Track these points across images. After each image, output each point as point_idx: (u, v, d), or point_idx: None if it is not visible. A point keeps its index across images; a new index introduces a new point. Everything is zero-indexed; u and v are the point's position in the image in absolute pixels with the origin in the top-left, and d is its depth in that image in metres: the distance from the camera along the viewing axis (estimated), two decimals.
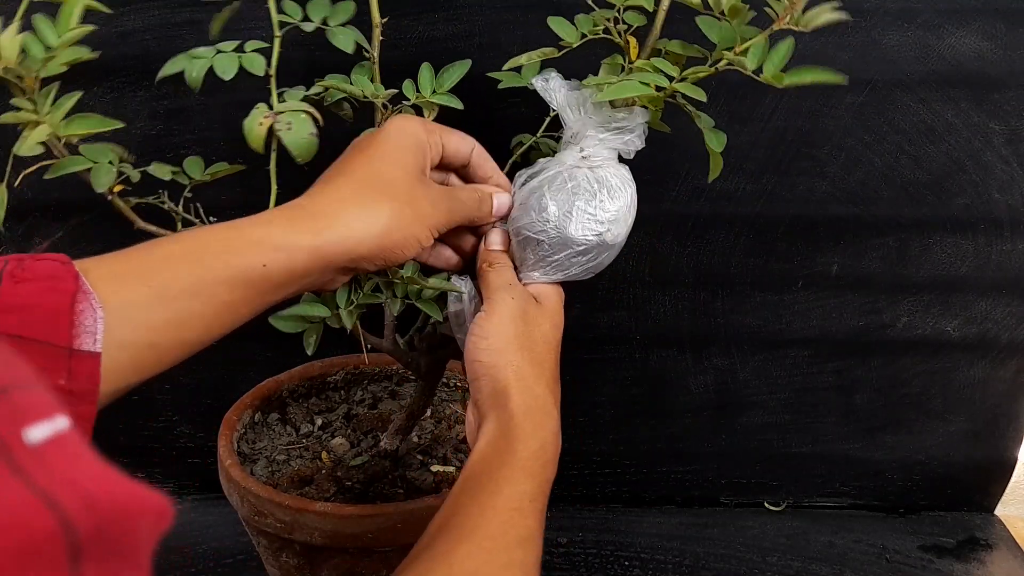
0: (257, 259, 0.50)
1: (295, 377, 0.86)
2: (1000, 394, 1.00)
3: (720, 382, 1.00)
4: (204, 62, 0.61)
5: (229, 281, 0.49)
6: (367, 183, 0.55)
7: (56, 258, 0.46)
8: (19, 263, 0.44)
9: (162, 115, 0.88)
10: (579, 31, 0.64)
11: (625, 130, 0.59)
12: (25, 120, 0.54)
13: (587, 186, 0.59)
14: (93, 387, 0.44)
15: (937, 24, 0.84)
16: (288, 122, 0.59)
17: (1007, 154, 0.89)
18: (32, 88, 0.54)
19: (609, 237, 0.60)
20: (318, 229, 0.52)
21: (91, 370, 0.44)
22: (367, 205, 0.54)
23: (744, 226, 0.93)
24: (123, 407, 1.09)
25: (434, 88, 0.67)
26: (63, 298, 0.44)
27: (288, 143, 0.58)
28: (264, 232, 0.51)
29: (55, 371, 0.43)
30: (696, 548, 0.98)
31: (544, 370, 0.58)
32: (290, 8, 0.64)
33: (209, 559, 0.93)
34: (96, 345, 0.44)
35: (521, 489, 0.52)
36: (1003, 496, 1.06)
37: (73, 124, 0.56)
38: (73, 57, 0.55)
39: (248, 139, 0.59)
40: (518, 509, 0.51)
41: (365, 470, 0.76)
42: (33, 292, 0.43)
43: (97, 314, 0.44)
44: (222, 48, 0.62)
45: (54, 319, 0.43)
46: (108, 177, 0.59)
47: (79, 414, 0.43)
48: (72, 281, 0.44)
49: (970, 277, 0.94)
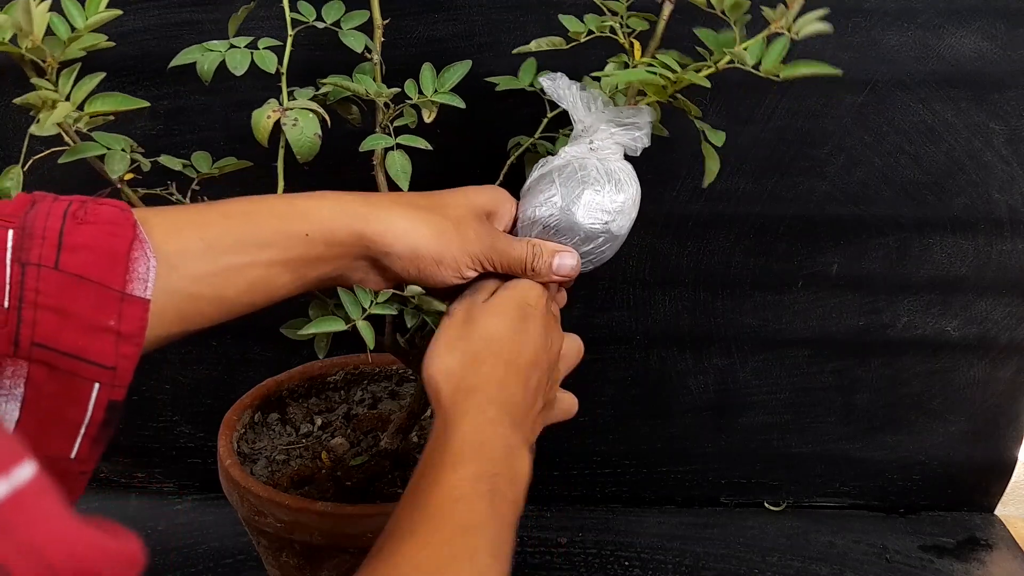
0: (301, 227, 0.53)
1: (295, 377, 0.86)
2: (1000, 394, 1.00)
3: (720, 382, 1.00)
4: (216, 56, 0.62)
5: (274, 244, 0.52)
6: (425, 200, 0.58)
7: (117, 204, 0.48)
8: (82, 205, 0.47)
9: (162, 115, 0.88)
10: (587, 27, 0.66)
11: (634, 127, 0.61)
12: (47, 99, 0.54)
13: (596, 176, 0.60)
14: (140, 330, 0.47)
15: (937, 24, 0.84)
16: (295, 119, 0.60)
17: (1007, 154, 0.89)
18: (52, 69, 0.55)
19: (614, 227, 0.61)
20: (364, 214, 0.55)
21: (140, 314, 0.46)
22: (417, 212, 0.57)
23: (744, 226, 0.93)
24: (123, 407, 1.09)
25: (436, 87, 0.67)
26: (121, 243, 0.46)
27: (292, 139, 0.59)
28: (313, 204, 0.55)
29: (107, 312, 0.45)
30: (696, 548, 0.98)
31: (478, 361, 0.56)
32: (304, 8, 0.66)
33: (209, 559, 0.93)
34: (147, 292, 0.47)
35: (460, 475, 0.50)
36: (1003, 496, 1.06)
37: (96, 102, 0.57)
38: (93, 43, 0.56)
39: (255, 131, 0.60)
40: (459, 498, 0.49)
41: (365, 470, 0.76)
42: (93, 235, 0.46)
43: (150, 263, 0.47)
44: (235, 43, 0.63)
45: (111, 263, 0.46)
46: (122, 164, 0.60)
47: (124, 353, 0.46)
48: (130, 228, 0.47)
49: (970, 277, 0.94)
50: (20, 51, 0.52)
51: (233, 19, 0.67)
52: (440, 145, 0.68)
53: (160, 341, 0.49)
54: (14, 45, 0.52)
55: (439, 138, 0.70)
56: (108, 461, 1.04)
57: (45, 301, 0.44)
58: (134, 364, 0.47)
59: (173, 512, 1.01)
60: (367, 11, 0.67)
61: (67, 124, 0.57)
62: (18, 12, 0.50)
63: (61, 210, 0.46)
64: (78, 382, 0.45)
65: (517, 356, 0.57)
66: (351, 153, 0.68)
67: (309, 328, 0.60)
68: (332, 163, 0.65)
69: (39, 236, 0.44)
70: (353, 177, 0.66)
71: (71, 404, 0.45)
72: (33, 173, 0.58)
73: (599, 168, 0.60)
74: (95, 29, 0.56)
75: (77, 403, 0.45)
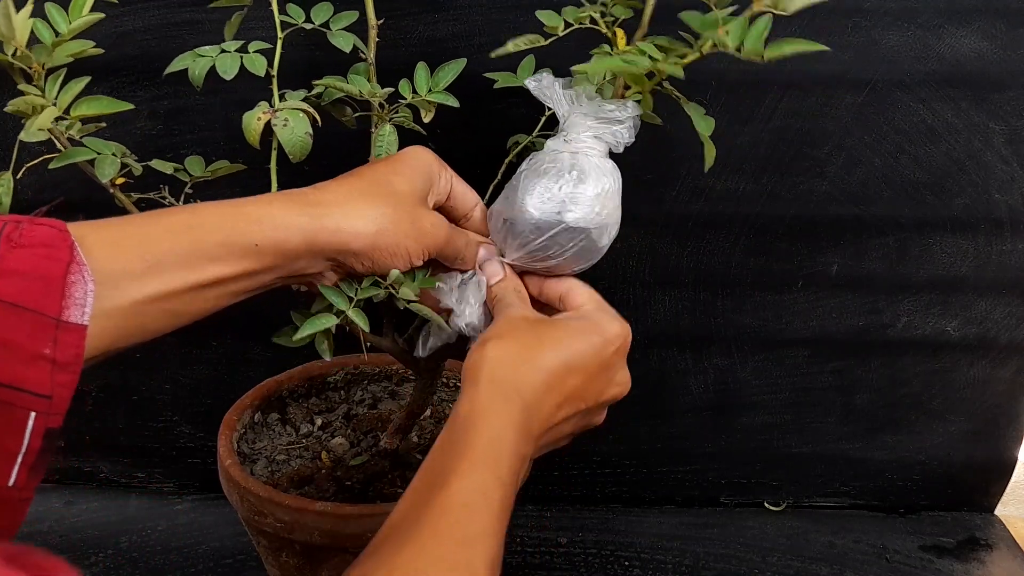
0: (250, 237, 0.51)
1: (295, 377, 0.86)
2: (1000, 394, 1.00)
3: (720, 382, 1.00)
4: (207, 61, 0.62)
5: (222, 257, 0.51)
6: (374, 186, 0.57)
7: (53, 224, 0.47)
8: (16, 226, 0.45)
9: (162, 115, 0.88)
10: (564, 20, 0.65)
11: (613, 121, 0.59)
12: (33, 104, 0.54)
13: (558, 167, 0.60)
14: (77, 358, 0.45)
15: (937, 24, 0.84)
16: (285, 119, 0.60)
17: (1007, 154, 0.89)
18: (39, 75, 0.54)
19: (570, 218, 0.59)
20: (316, 215, 0.53)
21: (76, 341, 0.45)
22: (369, 204, 0.55)
23: (744, 226, 0.93)
24: (123, 407, 1.09)
25: (430, 87, 0.67)
26: (56, 267, 0.45)
27: (283, 140, 0.59)
28: (263, 211, 0.53)
29: (42, 340, 0.44)
30: (696, 548, 0.98)
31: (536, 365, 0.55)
32: (293, 10, 0.66)
33: (209, 559, 0.93)
34: (84, 318, 0.45)
35: (472, 483, 0.49)
36: (1003, 496, 1.06)
37: (82, 106, 0.56)
38: (79, 49, 0.56)
39: (246, 133, 0.60)
40: (467, 505, 0.48)
41: (365, 470, 0.76)
42: (28, 258, 0.44)
43: (88, 287, 0.45)
44: (226, 48, 0.63)
45: (45, 288, 0.44)
46: (112, 167, 0.60)
47: (60, 382, 0.45)
48: (67, 251, 0.45)
49: (970, 277, 0.94)
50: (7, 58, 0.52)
51: (228, 25, 0.67)
52: (439, 144, 0.68)
53: (102, 357, 0.48)
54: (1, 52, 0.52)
55: (437, 137, 0.70)
56: (108, 461, 1.04)
57: None
58: (71, 392, 0.45)
59: (173, 512, 1.01)
60: (356, 11, 0.67)
61: (58, 130, 0.56)
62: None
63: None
64: (14, 411, 0.44)
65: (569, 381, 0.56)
66: (347, 152, 0.68)
67: (303, 331, 0.60)
68: (328, 162, 0.65)
69: None
70: None
71: (7, 434, 0.44)
72: (33, 174, 0.58)
73: (564, 160, 0.60)
74: (82, 34, 0.56)
75: (13, 433, 0.44)
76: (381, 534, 0.48)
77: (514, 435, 0.52)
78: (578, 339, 0.57)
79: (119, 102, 0.57)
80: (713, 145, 0.62)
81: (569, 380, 0.56)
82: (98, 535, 0.96)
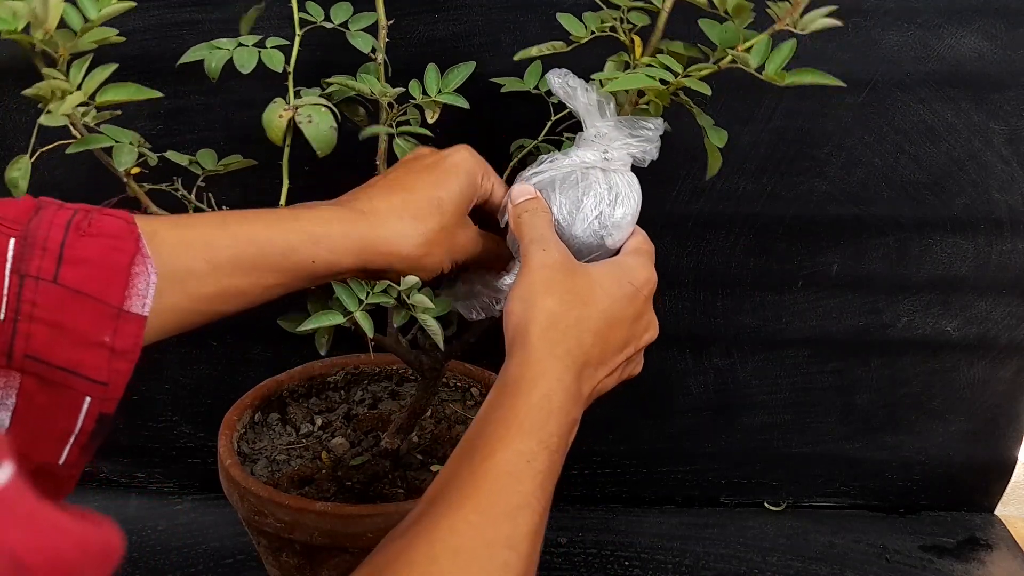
0: (309, 254, 0.53)
1: (295, 377, 0.86)
2: (1000, 394, 1.00)
3: (720, 382, 1.00)
4: (224, 54, 0.63)
5: (279, 271, 0.52)
6: (423, 204, 0.57)
7: (121, 215, 0.48)
8: (86, 215, 0.46)
9: (163, 115, 0.88)
10: (588, 28, 0.65)
11: (648, 139, 0.60)
12: (55, 89, 0.54)
13: (597, 188, 0.59)
14: (135, 347, 0.46)
15: (937, 24, 0.85)
16: (309, 115, 0.60)
17: (1007, 154, 0.89)
18: (64, 60, 0.54)
19: (610, 242, 0.60)
20: (368, 236, 0.55)
21: (135, 331, 0.46)
22: (418, 225, 0.56)
23: (744, 226, 0.93)
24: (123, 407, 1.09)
25: (440, 88, 0.67)
26: (122, 257, 0.46)
27: (311, 136, 0.60)
28: (323, 231, 0.54)
29: (102, 327, 0.45)
30: (696, 548, 0.98)
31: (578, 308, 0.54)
32: (313, 8, 0.66)
33: (209, 559, 0.93)
34: (144, 309, 0.46)
35: (517, 448, 0.48)
36: (1003, 496, 1.06)
37: (109, 92, 0.57)
38: (103, 36, 0.56)
39: (268, 132, 0.60)
40: (511, 473, 0.47)
41: (365, 470, 0.76)
42: (95, 247, 0.45)
43: (151, 279, 0.47)
44: (243, 41, 0.63)
45: (110, 278, 0.45)
46: (130, 156, 0.60)
47: (117, 369, 0.46)
48: (133, 242, 0.47)
49: (970, 277, 0.94)
50: (32, 40, 0.52)
51: (244, 19, 0.67)
52: (443, 146, 0.68)
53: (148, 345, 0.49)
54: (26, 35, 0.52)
55: (442, 139, 0.70)
56: (108, 461, 1.04)
57: (41, 315, 0.43)
58: (127, 379, 0.46)
59: (173, 512, 1.01)
60: (374, 13, 0.68)
61: (75, 117, 0.57)
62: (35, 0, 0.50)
63: (64, 220, 0.46)
64: (70, 395, 0.45)
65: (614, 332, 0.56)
66: (353, 152, 0.68)
67: (309, 323, 0.61)
68: (334, 162, 0.65)
69: (40, 247, 0.44)
70: (354, 177, 0.65)
71: (62, 415, 0.45)
72: (36, 172, 0.58)
73: (600, 180, 0.59)
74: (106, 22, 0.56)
75: (68, 415, 0.45)
76: (422, 503, 0.47)
77: (564, 397, 0.51)
78: (617, 287, 0.57)
79: (147, 89, 0.57)
80: (720, 155, 0.63)
81: (612, 334, 0.56)
82: None
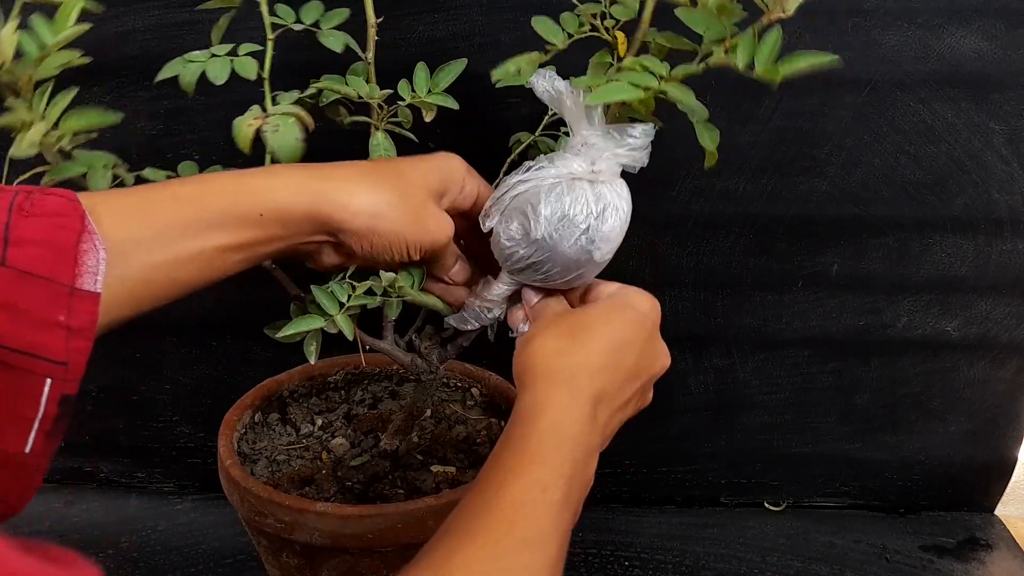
0: (255, 207, 0.52)
1: (295, 377, 0.86)
2: (1000, 394, 1.00)
3: (720, 382, 1.00)
4: (198, 66, 0.62)
5: (226, 226, 0.51)
6: (383, 171, 0.57)
7: (64, 194, 0.47)
8: (28, 196, 0.46)
9: (162, 115, 0.88)
10: (565, 31, 0.62)
11: (637, 148, 0.58)
12: (20, 120, 0.54)
13: (584, 200, 0.57)
14: (91, 324, 0.46)
15: (937, 24, 0.84)
16: (276, 125, 0.59)
17: (1007, 154, 0.89)
18: (27, 89, 0.54)
19: (597, 255, 0.59)
20: (319, 189, 0.54)
21: (90, 308, 0.46)
22: (375, 186, 0.56)
23: (744, 226, 0.93)
24: (123, 407, 1.09)
25: (429, 88, 0.66)
26: (69, 235, 0.46)
27: (274, 146, 0.59)
28: (267, 182, 0.53)
29: (57, 307, 0.45)
30: (696, 548, 0.98)
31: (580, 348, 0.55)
32: (283, 11, 0.65)
33: (209, 559, 0.93)
34: (96, 285, 0.46)
35: (531, 479, 0.48)
36: (1003, 496, 1.06)
37: (71, 120, 0.56)
38: (65, 60, 0.55)
39: (236, 139, 0.59)
40: (526, 504, 0.47)
41: (365, 470, 0.76)
42: (40, 227, 0.45)
43: (100, 255, 0.46)
44: (216, 52, 0.62)
45: (59, 257, 0.45)
46: (104, 181, 0.60)
47: (75, 348, 0.45)
48: (78, 219, 0.46)
49: (970, 277, 0.94)
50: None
51: (216, 28, 0.66)
52: (440, 143, 0.67)
53: (112, 325, 0.49)
54: None
55: (438, 136, 0.70)
56: (108, 461, 1.04)
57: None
58: (86, 358, 0.46)
59: (173, 512, 1.01)
60: (348, 9, 0.66)
61: (48, 143, 0.56)
62: None
63: (7, 203, 0.45)
64: (30, 378, 0.44)
65: (623, 358, 0.56)
66: (343, 153, 0.68)
67: (288, 328, 0.60)
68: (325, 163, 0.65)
69: None
70: None
71: (24, 400, 0.45)
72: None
73: (588, 192, 0.57)
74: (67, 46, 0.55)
75: (30, 399, 0.45)
76: (437, 535, 0.47)
77: (577, 426, 0.51)
78: (618, 315, 0.57)
79: (106, 115, 0.57)
80: (716, 153, 0.62)
81: (624, 358, 0.56)
82: (98, 535, 0.96)
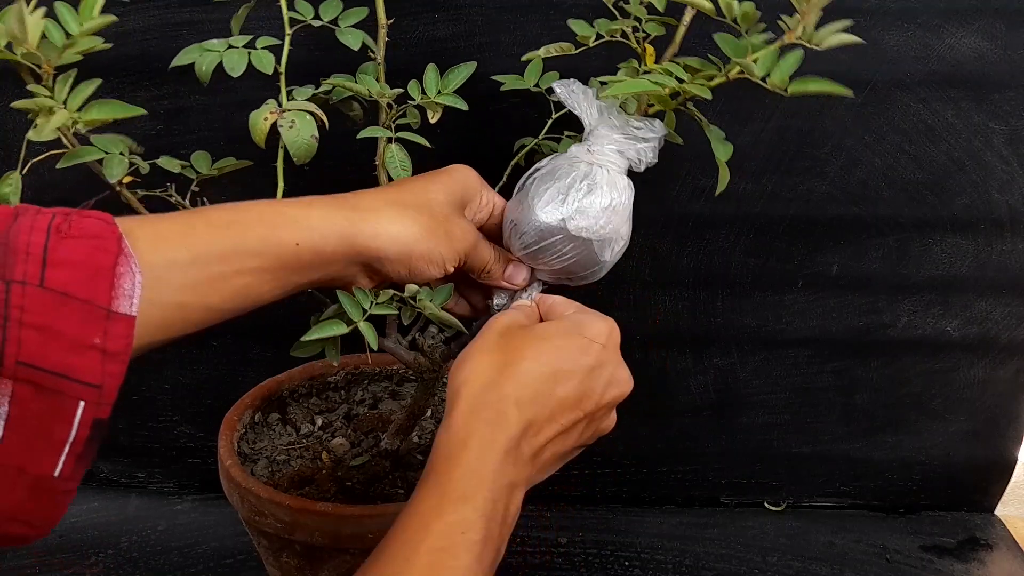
0: (291, 236, 0.53)
1: (295, 377, 0.86)
2: (1000, 394, 1.00)
3: (720, 382, 1.00)
4: (215, 56, 0.62)
5: (262, 253, 0.52)
6: (411, 196, 0.58)
7: (101, 217, 0.47)
8: (66, 218, 0.46)
9: (162, 115, 0.88)
10: (596, 31, 0.65)
11: (639, 138, 0.60)
12: (42, 106, 0.53)
13: (573, 175, 0.60)
14: (126, 348, 0.46)
15: (937, 24, 0.84)
16: (292, 120, 0.59)
17: (1007, 154, 0.89)
18: (48, 75, 0.54)
19: (571, 226, 0.59)
20: (354, 220, 0.55)
21: (126, 331, 0.46)
22: (406, 212, 0.57)
23: (744, 226, 0.93)
24: (123, 407, 1.09)
25: (439, 89, 0.67)
26: (106, 258, 0.46)
27: (288, 142, 0.59)
28: (302, 212, 0.54)
29: (92, 329, 0.44)
30: (696, 548, 0.98)
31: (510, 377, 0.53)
32: (302, 7, 0.65)
33: (209, 559, 0.93)
34: (132, 308, 0.46)
35: (450, 520, 0.48)
36: (1003, 496, 1.06)
37: (93, 110, 0.56)
38: (89, 46, 0.55)
39: (252, 133, 0.59)
40: (445, 549, 0.47)
41: (365, 470, 0.76)
42: (78, 249, 0.45)
43: (136, 278, 0.46)
44: (233, 43, 0.62)
45: (96, 279, 0.45)
46: (120, 167, 0.59)
47: (109, 372, 0.45)
48: (115, 242, 0.46)
49: (970, 277, 0.94)
50: (15, 57, 0.52)
51: (235, 19, 0.67)
52: (443, 145, 0.68)
53: (144, 349, 0.49)
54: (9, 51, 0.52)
55: (442, 138, 0.70)
56: (108, 461, 1.04)
57: (30, 319, 0.43)
58: (120, 381, 0.46)
59: (173, 512, 1.01)
60: (366, 8, 0.67)
61: (65, 128, 0.56)
62: (12, 20, 0.49)
63: (45, 224, 0.45)
64: (63, 400, 0.44)
65: (558, 387, 0.54)
66: (351, 153, 0.68)
67: (311, 334, 0.60)
68: (333, 163, 0.65)
69: (23, 252, 0.43)
70: (354, 177, 0.66)
71: (56, 422, 0.44)
72: (33, 174, 0.58)
73: (580, 170, 0.60)
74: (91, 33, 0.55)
75: (62, 421, 0.44)
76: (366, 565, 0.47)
77: (497, 464, 0.51)
78: (560, 341, 0.56)
79: (130, 107, 0.56)
80: (727, 170, 0.62)
81: (559, 388, 0.54)
82: (98, 535, 0.96)
